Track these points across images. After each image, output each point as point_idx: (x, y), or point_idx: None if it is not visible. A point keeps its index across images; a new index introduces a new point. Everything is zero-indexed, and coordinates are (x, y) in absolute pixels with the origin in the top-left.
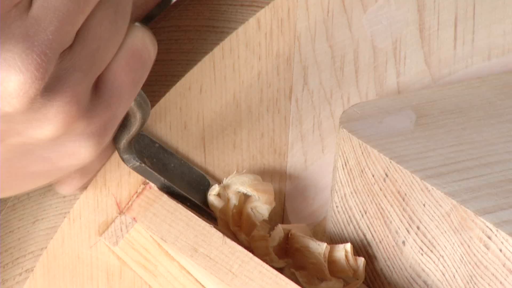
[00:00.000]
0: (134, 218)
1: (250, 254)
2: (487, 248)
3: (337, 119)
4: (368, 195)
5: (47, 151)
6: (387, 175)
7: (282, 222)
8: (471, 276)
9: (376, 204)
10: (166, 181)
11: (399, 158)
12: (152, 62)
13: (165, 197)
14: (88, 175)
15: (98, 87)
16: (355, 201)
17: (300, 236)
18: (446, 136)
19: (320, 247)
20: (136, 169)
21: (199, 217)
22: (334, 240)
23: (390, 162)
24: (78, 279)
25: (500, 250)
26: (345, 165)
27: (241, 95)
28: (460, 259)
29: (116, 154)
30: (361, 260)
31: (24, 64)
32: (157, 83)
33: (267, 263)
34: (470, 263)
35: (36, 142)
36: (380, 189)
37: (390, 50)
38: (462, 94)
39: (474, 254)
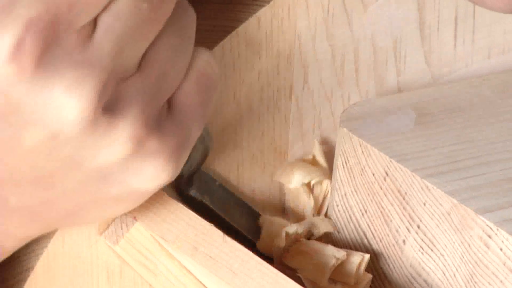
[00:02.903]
0: (135, 217)
1: (251, 253)
2: (488, 247)
3: (337, 118)
4: (369, 194)
5: (124, 174)
6: (387, 174)
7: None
8: (471, 275)
9: (376, 203)
10: (226, 219)
11: (399, 157)
12: (218, 82)
13: (165, 196)
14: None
15: (170, 108)
16: (355, 200)
17: (314, 242)
18: (447, 135)
19: (339, 253)
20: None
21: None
22: (334, 239)
23: (390, 161)
24: (78, 278)
25: (501, 249)
26: (345, 164)
27: (241, 94)
28: (460, 258)
29: None
30: (369, 277)
31: (84, 90)
32: None
33: None
34: (470, 262)
35: (110, 166)
36: (381, 188)
37: (390, 49)
38: (462, 93)
39: (475, 253)
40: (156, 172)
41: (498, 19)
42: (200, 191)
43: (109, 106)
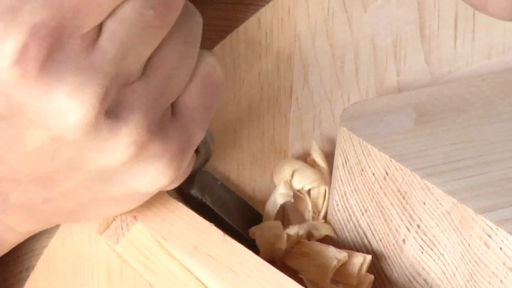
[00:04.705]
0: (135, 217)
1: (251, 253)
2: (487, 247)
3: (337, 118)
4: (369, 194)
5: (125, 176)
6: (387, 174)
7: (283, 221)
8: (471, 275)
9: (376, 203)
10: (226, 219)
11: (399, 156)
12: (222, 86)
13: (166, 196)
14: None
15: (173, 111)
16: (355, 199)
17: (316, 242)
18: (446, 135)
19: (340, 255)
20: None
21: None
22: (334, 239)
23: (390, 160)
24: (79, 278)
25: (501, 249)
26: (346, 163)
27: (242, 94)
28: (460, 257)
29: None
30: (370, 278)
31: (86, 96)
32: None
33: None
34: (470, 262)
35: (112, 168)
36: (381, 188)
37: (390, 48)
38: (462, 92)
39: (475, 253)
40: (157, 175)
41: None
42: (200, 190)
43: (112, 111)
